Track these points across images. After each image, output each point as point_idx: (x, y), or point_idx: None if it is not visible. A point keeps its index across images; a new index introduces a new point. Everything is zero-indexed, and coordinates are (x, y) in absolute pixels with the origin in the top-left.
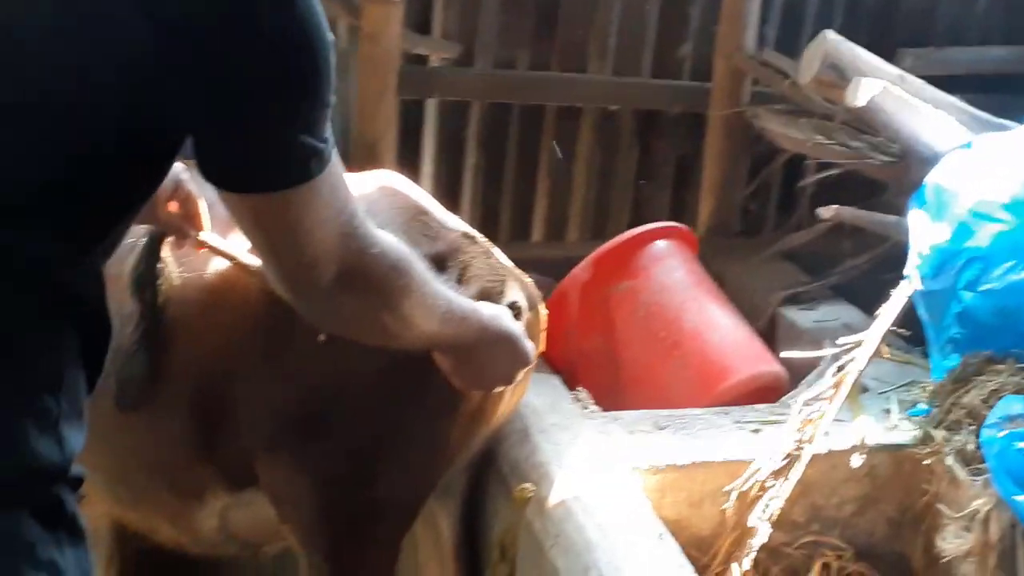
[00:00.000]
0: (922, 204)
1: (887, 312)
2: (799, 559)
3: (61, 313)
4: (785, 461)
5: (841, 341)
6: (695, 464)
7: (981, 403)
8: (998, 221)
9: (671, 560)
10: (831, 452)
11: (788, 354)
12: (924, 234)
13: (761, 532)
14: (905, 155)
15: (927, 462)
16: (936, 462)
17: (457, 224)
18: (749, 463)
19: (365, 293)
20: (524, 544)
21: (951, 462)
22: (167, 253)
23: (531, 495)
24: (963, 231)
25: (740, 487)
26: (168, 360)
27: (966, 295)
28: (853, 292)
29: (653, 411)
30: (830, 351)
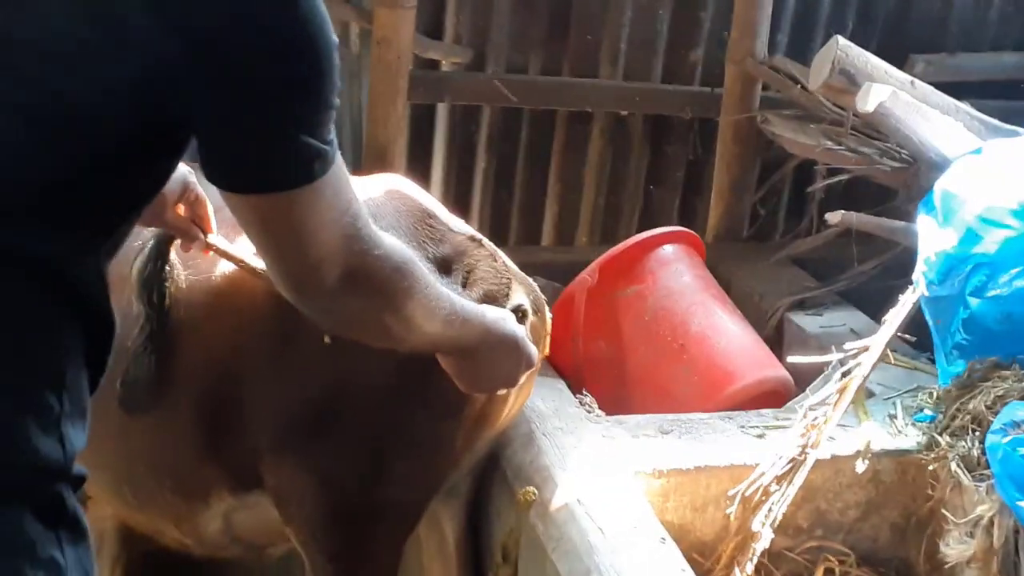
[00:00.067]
0: (930, 210)
1: (893, 318)
2: (802, 564)
3: (64, 312)
4: (789, 466)
5: (847, 346)
6: (699, 469)
7: (986, 409)
8: (1006, 227)
9: (673, 564)
10: (835, 457)
11: (794, 359)
12: (932, 240)
13: (764, 537)
14: (914, 161)
15: (931, 467)
16: (940, 468)
17: (463, 227)
18: (753, 468)
19: (368, 295)
20: (526, 547)
21: (955, 468)
22: (174, 255)
23: (534, 498)
24: (971, 237)
25: (744, 492)
26: (174, 362)
27: (973, 301)
28: (861, 298)
29: (658, 415)
30: (836, 356)
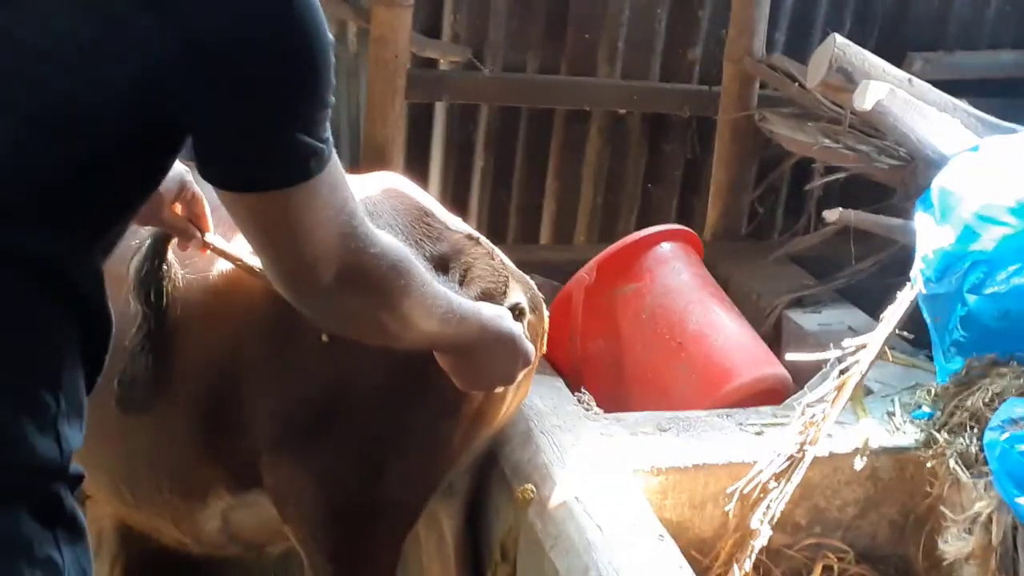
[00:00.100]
0: (928, 207)
1: (891, 315)
2: (800, 561)
3: (61, 311)
4: (787, 463)
5: (845, 344)
6: (697, 466)
7: (984, 406)
8: (1003, 224)
9: (671, 561)
10: (833, 454)
11: (792, 357)
12: (929, 237)
13: (763, 534)
14: (912, 158)
15: (930, 465)
16: (939, 465)
17: (460, 226)
18: (752, 465)
19: (365, 293)
20: (525, 545)
21: (954, 465)
22: (171, 254)
23: (533, 496)
24: (968, 234)
25: (742, 489)
26: (172, 361)
27: (970, 298)
28: (859, 295)
29: (656, 413)
30: (834, 354)
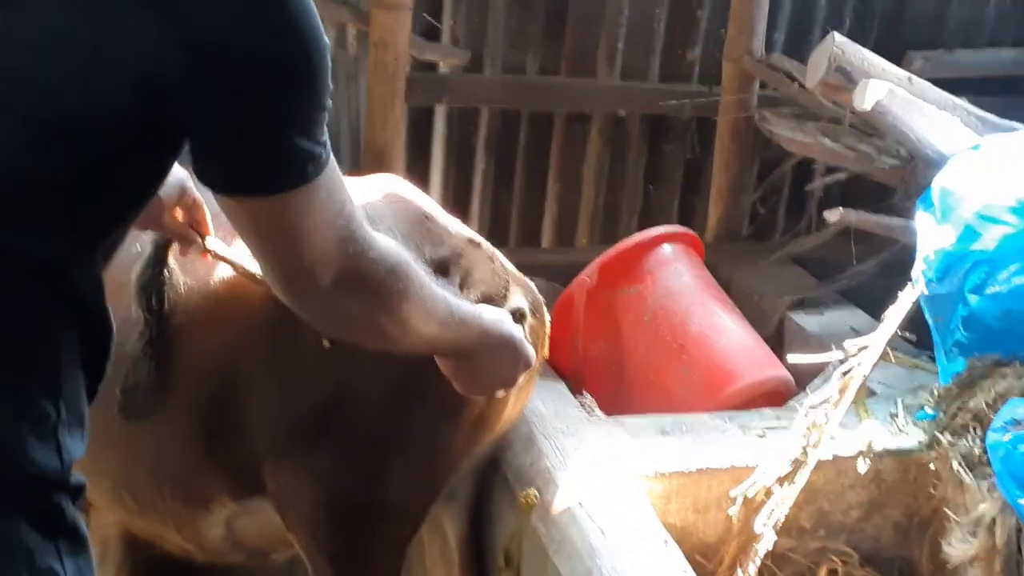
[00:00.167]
0: (928, 207)
1: (892, 316)
2: (805, 565)
3: (61, 315)
4: (791, 466)
5: (847, 345)
6: (700, 470)
7: (987, 407)
8: (1004, 224)
9: (675, 566)
10: (837, 457)
11: (794, 358)
12: (930, 237)
13: (767, 538)
14: (912, 158)
15: (933, 466)
16: (942, 466)
17: (461, 229)
18: (755, 468)
19: (364, 296)
20: (528, 549)
21: (957, 466)
22: (173, 260)
23: (536, 501)
24: (969, 234)
25: (746, 493)
26: (173, 367)
27: (972, 298)
28: (861, 296)
29: (658, 416)
30: (836, 355)
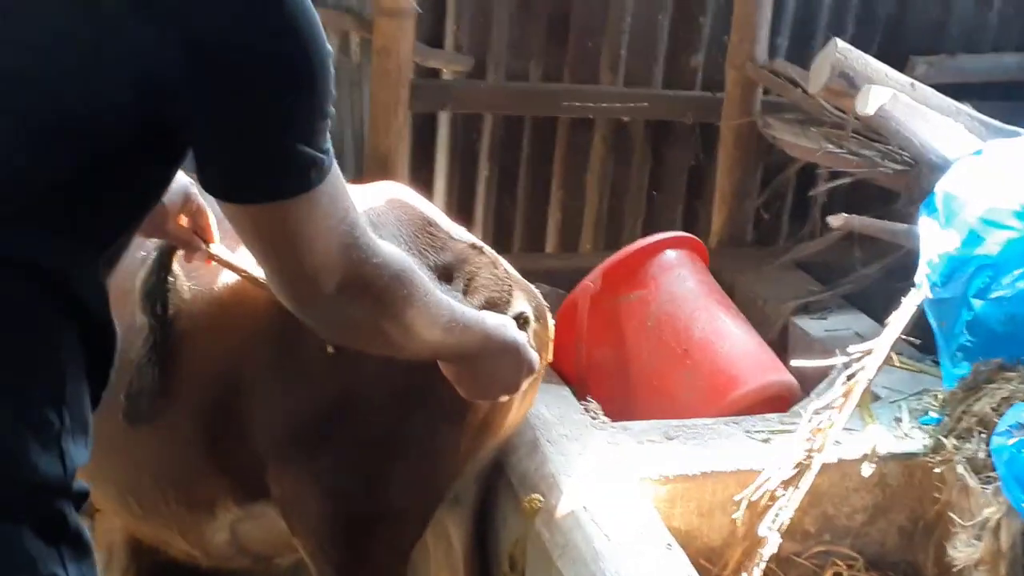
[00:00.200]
0: (932, 212)
1: (896, 321)
2: (810, 569)
3: (62, 321)
4: (795, 470)
5: (851, 350)
6: (705, 474)
7: (992, 411)
8: (1008, 228)
9: (679, 570)
10: (842, 461)
11: (798, 363)
12: (934, 242)
13: (771, 542)
14: (916, 163)
15: (938, 470)
16: (947, 470)
17: (464, 235)
18: (759, 473)
19: (367, 303)
20: (533, 554)
21: (962, 470)
22: (177, 267)
23: (540, 505)
24: (973, 238)
25: (750, 497)
26: (178, 373)
27: (976, 303)
28: (865, 301)
29: (663, 421)
30: (840, 360)
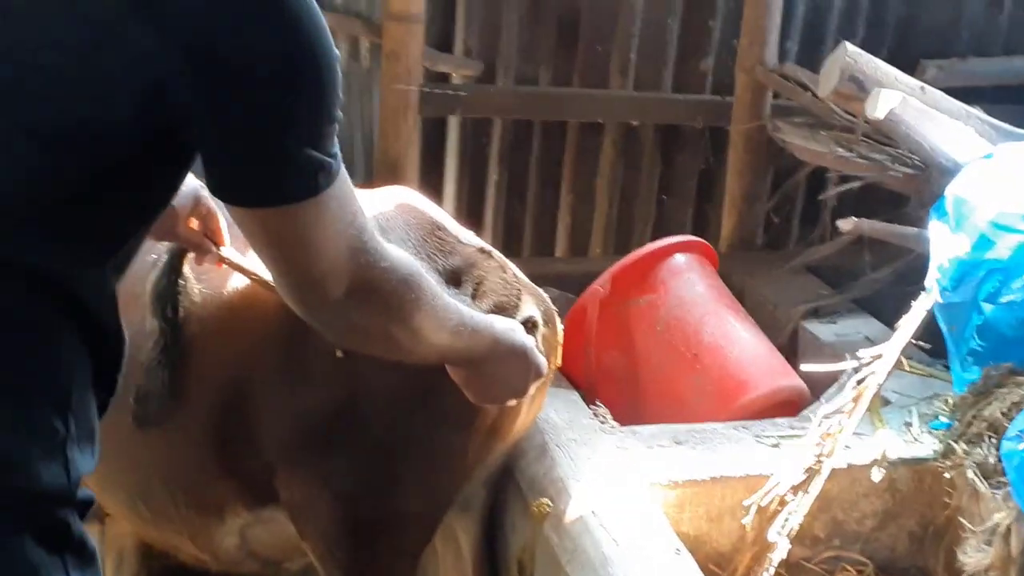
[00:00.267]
0: (942, 216)
1: (906, 325)
2: (820, 574)
3: (67, 329)
4: (805, 475)
5: (861, 354)
6: (714, 479)
7: (1002, 416)
8: (1018, 232)
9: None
10: (851, 466)
11: (808, 367)
12: (944, 246)
13: (781, 547)
14: (926, 167)
15: (948, 475)
16: (957, 475)
17: (472, 239)
18: (769, 478)
19: (376, 307)
20: (541, 559)
21: (972, 475)
22: (188, 269)
23: (549, 510)
24: (983, 243)
25: (759, 502)
26: (188, 376)
27: (987, 307)
28: (876, 305)
29: (672, 426)
30: (850, 364)
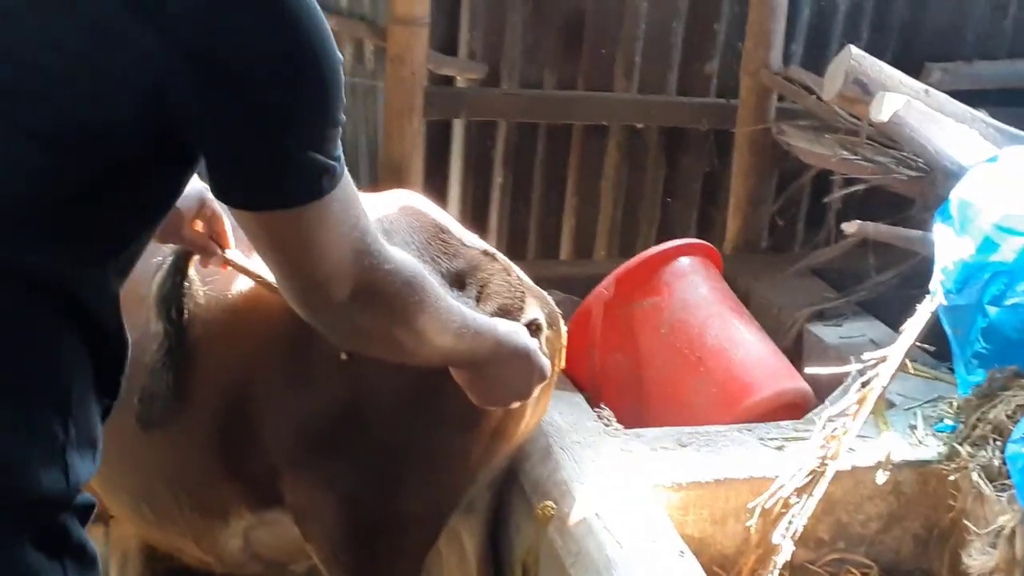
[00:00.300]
0: (947, 218)
1: (911, 327)
2: None
3: (68, 332)
4: (809, 478)
5: (865, 356)
6: (718, 481)
7: (1007, 418)
8: (1023, 235)
9: None
10: (856, 468)
11: (812, 370)
12: (949, 249)
13: (785, 549)
14: (930, 170)
15: (953, 478)
16: (962, 478)
17: (476, 242)
18: (773, 480)
19: (379, 309)
20: (546, 561)
21: (977, 478)
22: (193, 272)
23: (553, 512)
24: (988, 245)
25: (764, 504)
26: (192, 378)
27: (991, 310)
28: (880, 308)
29: (676, 428)
30: (855, 367)
